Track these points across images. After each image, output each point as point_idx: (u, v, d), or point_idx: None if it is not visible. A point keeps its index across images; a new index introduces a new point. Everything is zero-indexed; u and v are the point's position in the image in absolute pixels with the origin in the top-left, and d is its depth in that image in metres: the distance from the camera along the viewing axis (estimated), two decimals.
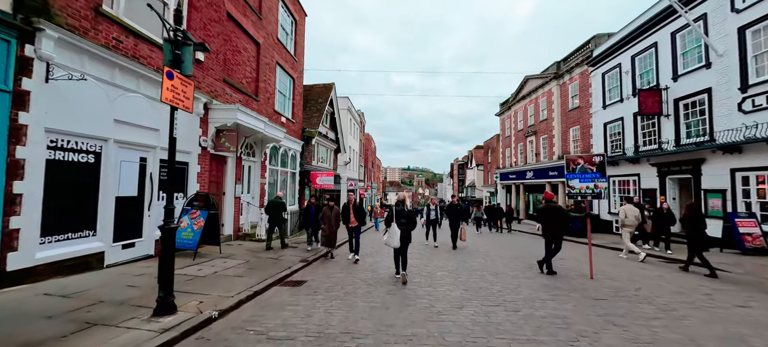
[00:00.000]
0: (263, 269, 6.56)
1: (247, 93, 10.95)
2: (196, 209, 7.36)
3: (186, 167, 7.96)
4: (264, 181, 12.36)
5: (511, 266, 7.73)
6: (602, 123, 17.65)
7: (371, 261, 8.18)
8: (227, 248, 8.57)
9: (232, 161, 10.09)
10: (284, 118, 14.22)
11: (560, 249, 6.72)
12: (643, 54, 14.90)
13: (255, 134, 10.26)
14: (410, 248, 10.03)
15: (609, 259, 8.91)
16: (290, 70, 14.91)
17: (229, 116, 8.57)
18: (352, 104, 29.65)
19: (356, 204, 8.09)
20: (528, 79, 26.94)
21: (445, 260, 8.42)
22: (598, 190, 6.55)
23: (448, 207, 10.84)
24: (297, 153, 16.13)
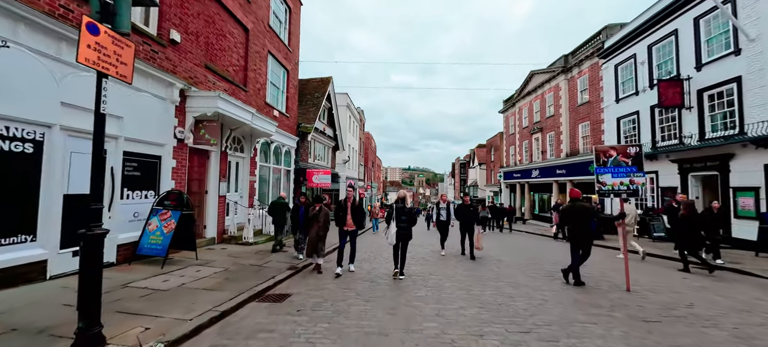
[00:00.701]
0: (242, 279, 5.59)
1: (234, 82, 9.98)
2: (167, 210, 6.40)
3: (158, 161, 6.99)
4: (254, 179, 11.40)
5: (528, 273, 6.75)
6: (615, 118, 16.66)
7: (368, 268, 7.20)
8: (207, 253, 7.61)
9: (215, 156, 9.13)
10: (277, 111, 13.26)
11: (588, 256, 5.73)
12: (662, 43, 13.90)
13: (242, 126, 9.29)
14: (416, 254, 9.38)
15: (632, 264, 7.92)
16: (284, 60, 13.95)
17: (209, 104, 7.60)
18: (351, 101, 28.70)
19: (355, 204, 6.61)
20: (533, 73, 25.95)
21: (453, 267, 7.44)
22: (634, 186, 5.57)
23: (459, 208, 9.14)
24: (292, 150, 15.17)
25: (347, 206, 6.58)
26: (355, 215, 6.59)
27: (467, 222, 8.87)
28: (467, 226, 8.89)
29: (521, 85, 28.02)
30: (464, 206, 9.08)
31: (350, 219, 6.56)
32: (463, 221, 8.96)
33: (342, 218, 6.58)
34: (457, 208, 9.30)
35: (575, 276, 5.69)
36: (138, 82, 6.40)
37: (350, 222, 6.56)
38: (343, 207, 6.60)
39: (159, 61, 6.95)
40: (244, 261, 7.03)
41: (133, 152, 6.39)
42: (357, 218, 6.59)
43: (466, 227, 8.92)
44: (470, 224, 8.85)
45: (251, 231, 9.41)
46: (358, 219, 6.62)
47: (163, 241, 6.13)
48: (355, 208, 6.60)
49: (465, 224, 8.92)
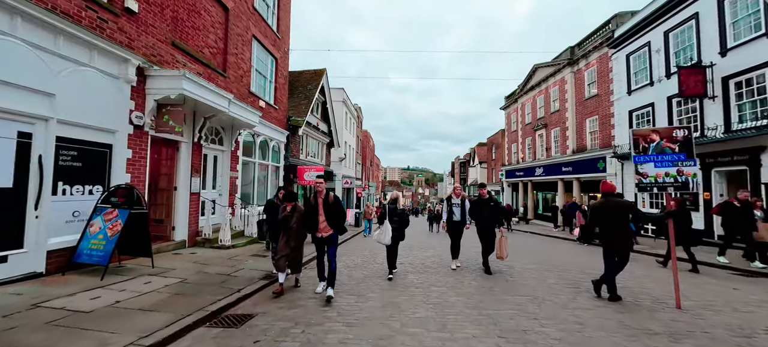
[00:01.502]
0: (198, 294, 4.50)
1: (210, 65, 8.88)
2: (113, 208, 5.29)
3: (108, 150, 5.89)
4: (235, 175, 10.30)
5: (548, 283, 5.67)
6: (627, 111, 15.61)
7: (358, 277, 6.11)
8: (171, 260, 6.51)
9: (186, 148, 8.02)
10: (263, 102, 12.15)
11: (626, 263, 4.65)
12: (680, 28, 12.86)
13: (218, 114, 8.18)
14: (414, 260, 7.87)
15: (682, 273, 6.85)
16: (271, 48, 12.85)
17: (173, 85, 6.50)
18: (347, 96, 27.59)
19: (330, 201, 4.81)
20: (537, 67, 24.91)
21: (457, 276, 6.35)
22: (683, 178, 4.49)
23: (475, 204, 6.80)
24: (281, 144, 14.07)
25: (318, 204, 4.82)
26: (331, 216, 4.79)
27: (487, 224, 6.62)
28: (487, 229, 6.65)
29: (524, 80, 26.99)
30: (481, 201, 6.70)
31: (324, 221, 4.81)
32: (481, 222, 6.68)
33: (312, 220, 4.84)
34: (472, 204, 6.87)
35: (611, 289, 4.61)
36: (79, 53, 5.30)
37: (324, 226, 4.82)
38: (312, 207, 4.83)
39: (109, 32, 5.85)
40: (212, 269, 5.93)
41: (73, 139, 5.29)
42: (334, 219, 4.81)
43: (485, 230, 6.66)
44: (491, 227, 6.65)
45: (229, 233, 8.31)
46: (336, 221, 4.82)
47: (106, 246, 5.03)
48: (330, 206, 4.78)
49: (484, 226, 6.66)
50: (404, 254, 8.98)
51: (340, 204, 4.95)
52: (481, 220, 6.67)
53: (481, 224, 6.70)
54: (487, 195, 6.78)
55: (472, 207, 6.84)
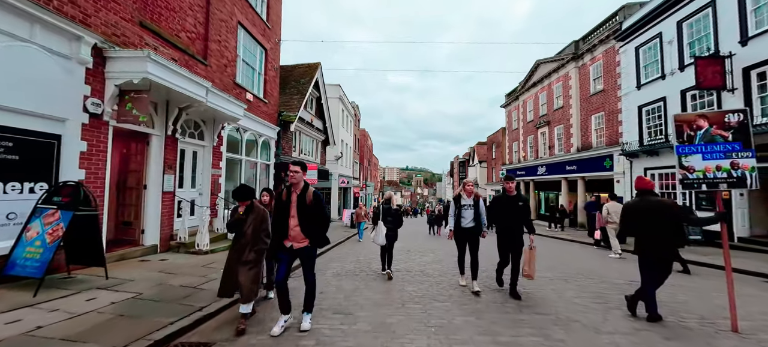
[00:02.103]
0: (150, 313, 3.69)
1: (188, 52, 8.04)
2: (55, 209, 4.46)
3: (55, 142, 5.05)
4: (218, 173, 9.46)
5: (571, 297, 4.86)
6: (636, 106, 14.86)
7: (349, 289, 5.30)
8: (133, 268, 5.68)
9: (158, 142, 7.19)
10: (250, 95, 11.32)
11: (669, 274, 3.85)
12: (695, 17, 12.11)
13: (194, 105, 7.34)
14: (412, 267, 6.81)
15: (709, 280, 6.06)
16: (260, 37, 12.02)
17: (136, 67, 5.67)
18: (344, 93, 26.77)
19: (308, 200, 3.51)
20: (540, 63, 24.16)
21: (462, 289, 5.53)
22: (739, 172, 3.70)
23: (497, 205, 5.19)
24: (271, 141, 13.24)
25: (291, 202, 3.51)
26: (307, 219, 3.48)
27: (514, 231, 4.88)
28: (513, 238, 4.88)
29: (526, 77, 26.24)
30: (507, 199, 5.00)
31: (296, 226, 3.49)
32: (504, 226, 4.98)
33: (280, 223, 3.55)
34: (493, 204, 5.30)
35: (650, 307, 3.81)
36: (14, 26, 4.48)
37: (296, 232, 3.50)
38: (283, 204, 3.55)
39: (57, 4, 5.02)
40: (178, 280, 5.10)
41: (6, 127, 4.46)
42: (311, 225, 3.50)
43: (510, 239, 4.90)
44: (519, 235, 4.89)
45: (207, 237, 7.48)
46: (314, 228, 3.52)
47: (43, 255, 4.20)
48: (307, 207, 3.47)
49: (509, 234, 4.91)
50: (402, 259, 8.18)
51: (322, 205, 3.55)
52: (506, 225, 4.91)
53: (506, 230, 4.91)
54: (514, 191, 5.00)
55: (493, 208, 5.21)
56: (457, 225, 5.24)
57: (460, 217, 5.25)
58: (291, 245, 3.56)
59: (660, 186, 13.65)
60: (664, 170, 13.47)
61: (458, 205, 5.29)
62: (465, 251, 5.34)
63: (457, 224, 5.24)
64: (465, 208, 5.23)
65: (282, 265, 3.56)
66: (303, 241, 3.56)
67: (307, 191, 3.56)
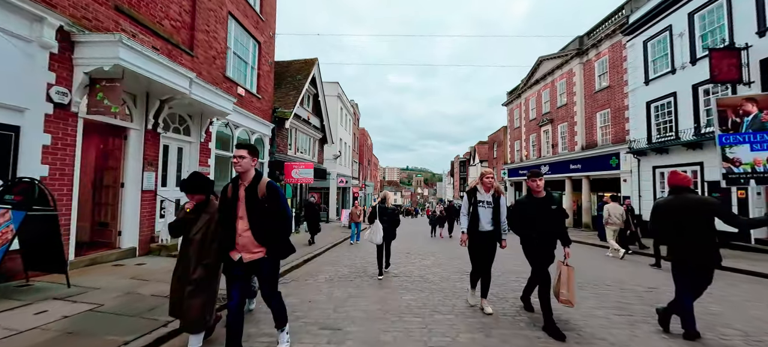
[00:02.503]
0: (106, 330, 3.18)
1: (171, 41, 7.52)
2: (5, 209, 3.93)
3: (13, 134, 4.53)
4: (206, 170, 8.93)
5: (590, 308, 4.32)
6: (644, 103, 14.32)
7: (340, 298, 4.78)
8: (103, 274, 5.16)
9: (137, 136, 6.66)
10: (243, 89, 10.80)
11: (709, 284, 3.31)
12: (708, 8, 11.57)
13: (178, 97, 6.81)
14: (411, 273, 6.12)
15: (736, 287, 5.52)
16: (253, 30, 11.50)
17: (106, 53, 5.14)
18: (342, 91, 26.26)
19: (260, 193, 2.67)
20: (542, 60, 23.64)
21: (465, 297, 5.00)
22: None
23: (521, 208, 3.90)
24: (265, 138, 12.73)
25: (238, 199, 2.68)
26: (260, 219, 2.66)
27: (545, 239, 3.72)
28: (544, 248, 3.71)
29: (528, 74, 25.71)
30: (535, 201, 3.79)
31: (245, 230, 2.65)
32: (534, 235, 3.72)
33: (225, 229, 2.71)
34: (518, 206, 3.96)
35: (687, 323, 3.27)
36: None
37: (246, 239, 2.65)
38: (228, 203, 2.70)
39: None
40: (149, 288, 4.57)
41: None
42: (265, 228, 2.67)
43: (541, 250, 3.71)
44: (551, 244, 3.73)
45: None
46: (270, 231, 2.69)
47: None
48: (257, 202, 2.65)
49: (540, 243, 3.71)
50: (401, 261, 7.65)
51: (281, 200, 2.69)
52: (535, 232, 3.67)
53: (535, 238, 3.69)
54: (544, 192, 3.76)
55: (518, 209, 3.90)
56: (473, 228, 4.07)
57: (476, 217, 4.06)
58: (240, 258, 2.63)
59: None
60: (673, 168, 12.89)
61: (472, 201, 4.12)
62: (481, 267, 4.13)
63: (473, 227, 4.07)
64: (482, 206, 4.09)
65: (234, 289, 2.64)
66: (257, 251, 2.66)
67: (258, 182, 2.69)
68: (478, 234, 4.09)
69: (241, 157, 2.68)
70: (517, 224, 3.92)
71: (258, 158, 2.85)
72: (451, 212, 15.59)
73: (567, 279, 3.59)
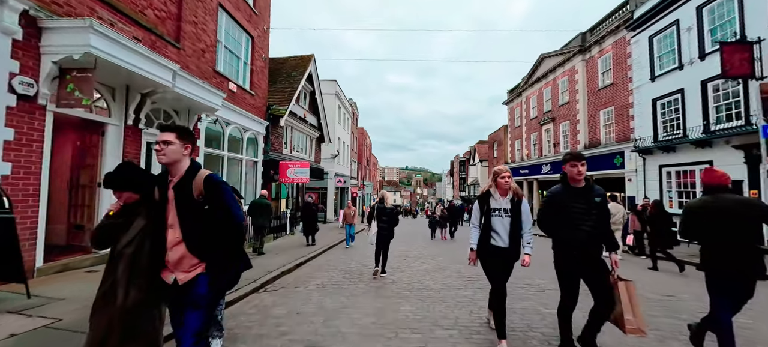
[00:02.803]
0: None
1: (155, 31, 7.08)
2: None
3: None
4: None
5: None
6: (650, 100, 13.91)
7: (330, 309, 4.36)
8: (72, 282, 4.72)
9: (116, 133, 6.21)
10: (234, 85, 10.36)
11: (750, 297, 2.89)
12: (718, 0, 11.17)
13: (160, 90, 6.37)
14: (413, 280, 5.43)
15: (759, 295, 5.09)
16: (246, 23, 11.06)
17: (76, 40, 4.71)
18: (340, 89, 25.84)
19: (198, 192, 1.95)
20: (544, 57, 23.24)
21: (469, 308, 4.57)
22: None
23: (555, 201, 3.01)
24: (259, 136, 12.28)
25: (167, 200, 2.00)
26: (196, 227, 1.95)
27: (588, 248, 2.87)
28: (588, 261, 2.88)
29: (529, 72, 25.31)
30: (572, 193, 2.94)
31: (177, 243, 1.94)
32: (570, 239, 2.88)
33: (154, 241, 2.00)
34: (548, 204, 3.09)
35: (724, 342, 2.84)
36: None
37: (179, 253, 1.94)
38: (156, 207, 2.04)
39: None
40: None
41: None
42: (203, 236, 1.95)
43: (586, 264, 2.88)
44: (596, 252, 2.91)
45: None
46: (211, 243, 1.95)
47: None
48: (192, 204, 1.95)
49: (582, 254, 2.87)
50: (399, 266, 7.23)
51: (226, 199, 1.98)
52: (576, 239, 2.83)
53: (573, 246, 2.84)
54: (584, 180, 2.93)
55: (553, 204, 3.01)
56: (484, 242, 3.21)
57: (489, 229, 3.19)
58: (175, 280, 1.93)
59: (677, 185, 12.74)
60: (681, 168, 12.53)
61: (485, 209, 3.24)
62: (500, 279, 3.20)
63: (484, 241, 3.21)
64: (497, 215, 3.18)
65: (179, 326, 1.97)
66: (192, 267, 1.92)
67: (194, 177, 1.97)
68: (489, 250, 3.18)
69: (165, 143, 1.96)
70: (552, 224, 2.99)
71: (193, 144, 2.11)
72: (452, 213, 14.97)
73: (629, 299, 2.66)
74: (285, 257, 7.75)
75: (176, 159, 2.00)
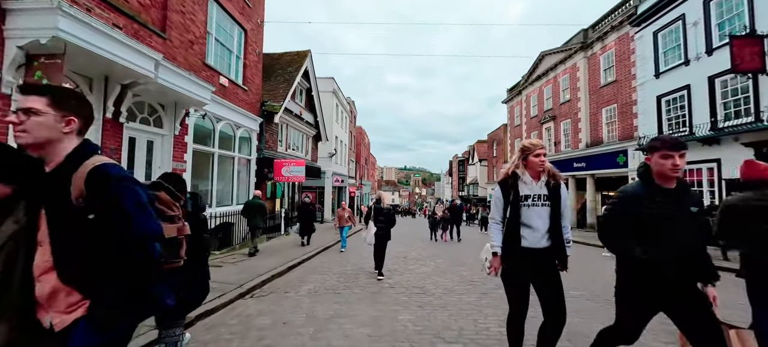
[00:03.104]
0: None
1: (138, 19, 6.65)
2: None
3: None
4: (181, 167, 8.07)
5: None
6: (654, 97, 13.58)
7: (322, 318, 3.96)
8: None
9: (93, 125, 5.78)
10: (226, 79, 9.94)
11: None
12: None
13: (142, 81, 5.96)
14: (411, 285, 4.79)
15: None
16: (238, 16, 10.64)
17: (42, 22, 4.30)
18: (338, 87, 25.41)
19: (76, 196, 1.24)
20: (544, 55, 22.91)
21: (474, 310, 4.18)
22: None
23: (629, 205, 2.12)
24: (252, 133, 11.86)
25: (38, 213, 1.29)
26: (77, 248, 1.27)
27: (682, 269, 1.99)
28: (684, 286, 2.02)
29: (529, 70, 24.99)
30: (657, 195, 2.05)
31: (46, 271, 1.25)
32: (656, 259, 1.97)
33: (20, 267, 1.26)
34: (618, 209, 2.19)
35: None
36: None
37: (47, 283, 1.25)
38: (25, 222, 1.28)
39: None
40: None
41: None
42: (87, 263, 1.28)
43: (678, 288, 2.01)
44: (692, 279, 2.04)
45: None
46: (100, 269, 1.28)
47: None
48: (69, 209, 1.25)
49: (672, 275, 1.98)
50: (396, 268, 6.85)
51: (123, 200, 1.27)
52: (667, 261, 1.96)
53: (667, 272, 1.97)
54: (675, 170, 2.00)
55: (628, 209, 2.12)
56: (511, 242, 2.37)
57: (517, 224, 2.36)
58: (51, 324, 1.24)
59: None
60: (687, 166, 12.17)
61: (511, 197, 2.39)
62: (528, 302, 2.38)
63: (511, 240, 2.37)
64: (530, 204, 2.37)
65: None
66: (71, 309, 1.25)
67: (75, 170, 1.27)
68: (522, 253, 2.32)
69: (27, 112, 1.26)
70: (625, 237, 2.11)
71: (80, 116, 1.36)
72: (454, 213, 14.29)
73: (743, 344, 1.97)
74: (277, 259, 7.35)
75: (46, 139, 1.27)
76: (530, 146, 2.47)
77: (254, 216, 8.41)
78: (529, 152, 2.45)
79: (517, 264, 2.37)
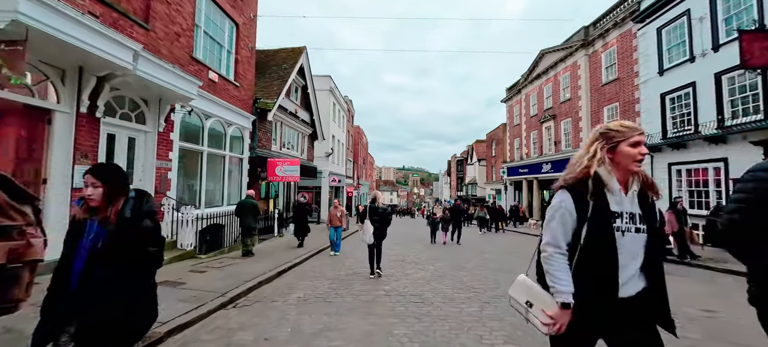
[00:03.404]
0: None
1: (117, 8, 6.23)
2: None
3: None
4: (166, 165, 7.65)
5: None
6: (657, 94, 13.25)
7: (313, 330, 3.56)
8: None
9: (66, 121, 5.37)
10: (215, 74, 9.52)
11: None
12: None
13: (120, 73, 5.53)
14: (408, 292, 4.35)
15: None
16: (229, 9, 10.22)
17: (1, 6, 3.87)
18: (335, 85, 25.00)
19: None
20: (545, 53, 22.57)
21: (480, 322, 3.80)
22: None
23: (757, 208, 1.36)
24: (244, 131, 11.44)
25: None
26: None
27: None
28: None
29: (529, 68, 24.64)
30: None
31: None
32: None
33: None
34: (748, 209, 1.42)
35: None
36: None
37: None
38: None
39: None
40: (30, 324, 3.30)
41: None
42: None
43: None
44: None
45: None
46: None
47: None
48: None
49: None
50: (393, 273, 6.46)
51: None
52: None
53: None
54: None
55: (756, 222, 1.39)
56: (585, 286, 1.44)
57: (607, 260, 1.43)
58: None
59: (688, 184, 12.09)
60: (692, 166, 11.88)
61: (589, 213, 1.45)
62: None
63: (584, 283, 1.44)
64: (622, 227, 1.45)
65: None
66: None
67: None
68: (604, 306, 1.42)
69: None
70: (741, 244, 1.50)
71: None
72: (455, 214, 13.15)
73: None
74: (267, 263, 6.95)
75: None
76: (621, 129, 1.50)
77: (247, 216, 8.09)
78: (624, 139, 1.47)
79: (594, 323, 1.43)
